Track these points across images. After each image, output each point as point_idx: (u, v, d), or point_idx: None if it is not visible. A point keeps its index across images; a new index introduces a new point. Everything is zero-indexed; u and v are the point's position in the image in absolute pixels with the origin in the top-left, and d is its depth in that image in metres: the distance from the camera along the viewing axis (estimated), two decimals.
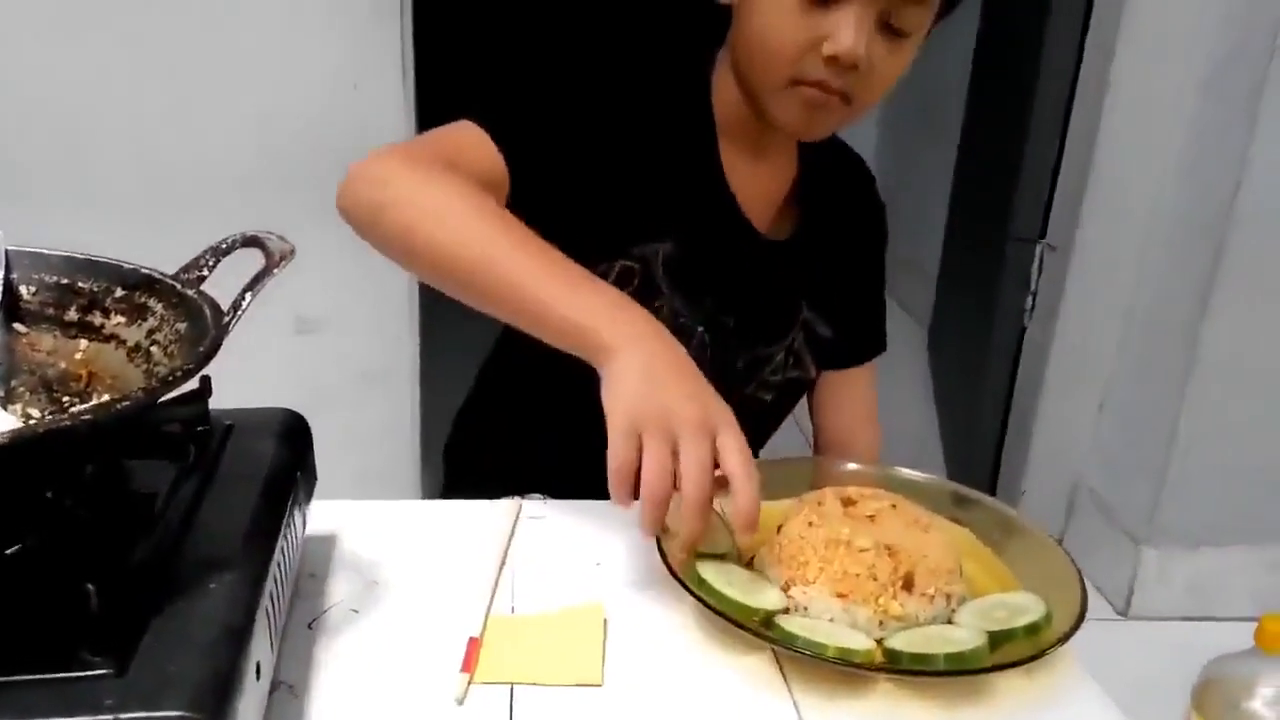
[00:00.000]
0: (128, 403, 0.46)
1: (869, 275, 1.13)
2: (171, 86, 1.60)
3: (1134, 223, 1.95)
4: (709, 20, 0.93)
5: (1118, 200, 1.96)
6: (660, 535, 0.70)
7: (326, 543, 0.75)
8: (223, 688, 0.45)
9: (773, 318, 1.03)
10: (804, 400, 1.13)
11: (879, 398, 1.16)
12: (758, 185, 0.98)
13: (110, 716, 0.42)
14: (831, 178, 1.04)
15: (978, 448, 2.30)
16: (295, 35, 1.60)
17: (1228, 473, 1.89)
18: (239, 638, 0.49)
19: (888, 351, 1.17)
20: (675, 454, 0.66)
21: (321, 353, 0.79)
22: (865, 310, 1.14)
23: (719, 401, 0.69)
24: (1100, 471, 2.11)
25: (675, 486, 0.66)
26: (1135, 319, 2.00)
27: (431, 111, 1.71)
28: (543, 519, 0.81)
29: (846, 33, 0.81)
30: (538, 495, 0.87)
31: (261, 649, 0.52)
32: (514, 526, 0.79)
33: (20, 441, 0.44)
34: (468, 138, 0.85)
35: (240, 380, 0.67)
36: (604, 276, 0.90)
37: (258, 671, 0.51)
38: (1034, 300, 2.14)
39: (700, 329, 0.97)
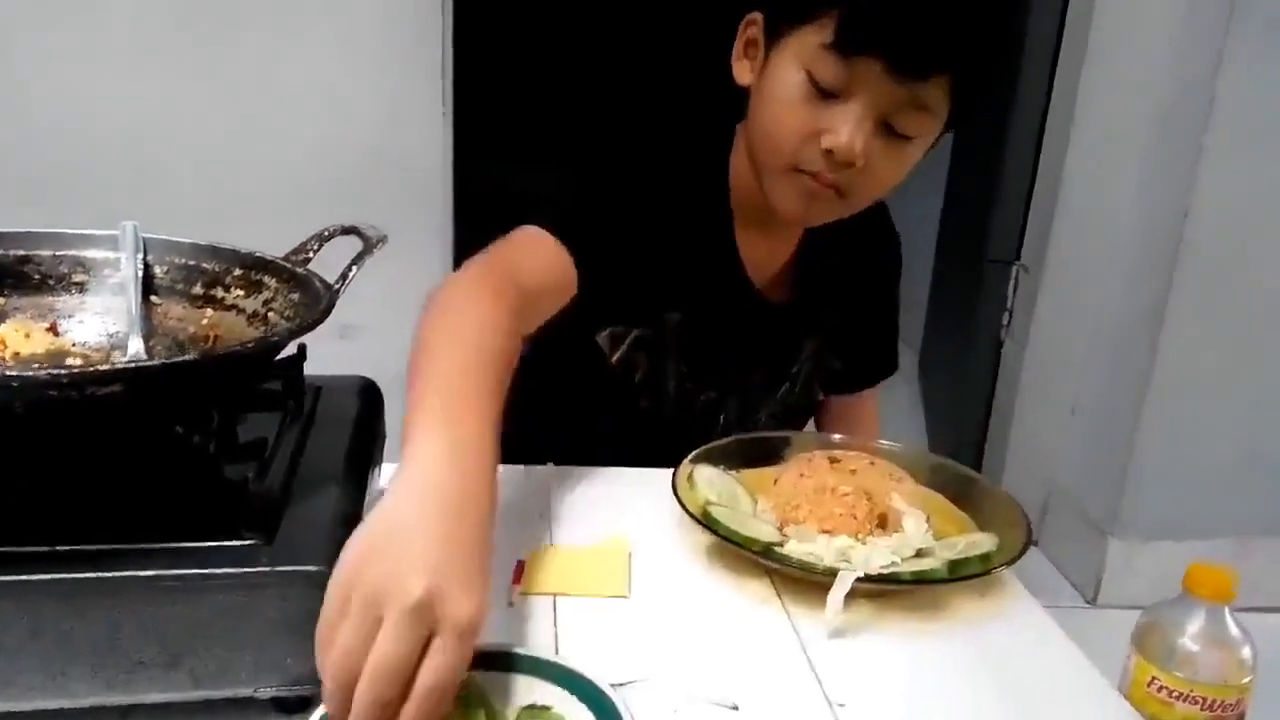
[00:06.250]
0: (276, 338, 0.60)
1: (882, 305, 1.18)
2: (233, 114, 1.78)
3: (1097, 244, 2.10)
4: (733, 97, 0.96)
5: (1083, 224, 2.11)
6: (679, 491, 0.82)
7: None
8: None
9: (776, 368, 1.09)
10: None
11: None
12: (766, 254, 1.04)
13: (267, 568, 0.56)
14: (841, 225, 0.99)
15: (961, 450, 2.42)
16: (344, 69, 1.79)
17: (1184, 471, 2.01)
18: (351, 523, 0.62)
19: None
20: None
21: (361, 356, 0.93)
22: (878, 339, 1.18)
23: (466, 588, 0.53)
24: (1071, 471, 2.22)
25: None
26: (1101, 332, 2.12)
27: (467, 137, 1.89)
28: (572, 479, 0.94)
29: (845, 129, 0.84)
30: None
31: None
32: (548, 486, 0.92)
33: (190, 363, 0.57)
34: (534, 242, 0.90)
35: None
36: (620, 342, 1.02)
37: None
38: (1010, 317, 2.28)
39: (712, 393, 1.06)
